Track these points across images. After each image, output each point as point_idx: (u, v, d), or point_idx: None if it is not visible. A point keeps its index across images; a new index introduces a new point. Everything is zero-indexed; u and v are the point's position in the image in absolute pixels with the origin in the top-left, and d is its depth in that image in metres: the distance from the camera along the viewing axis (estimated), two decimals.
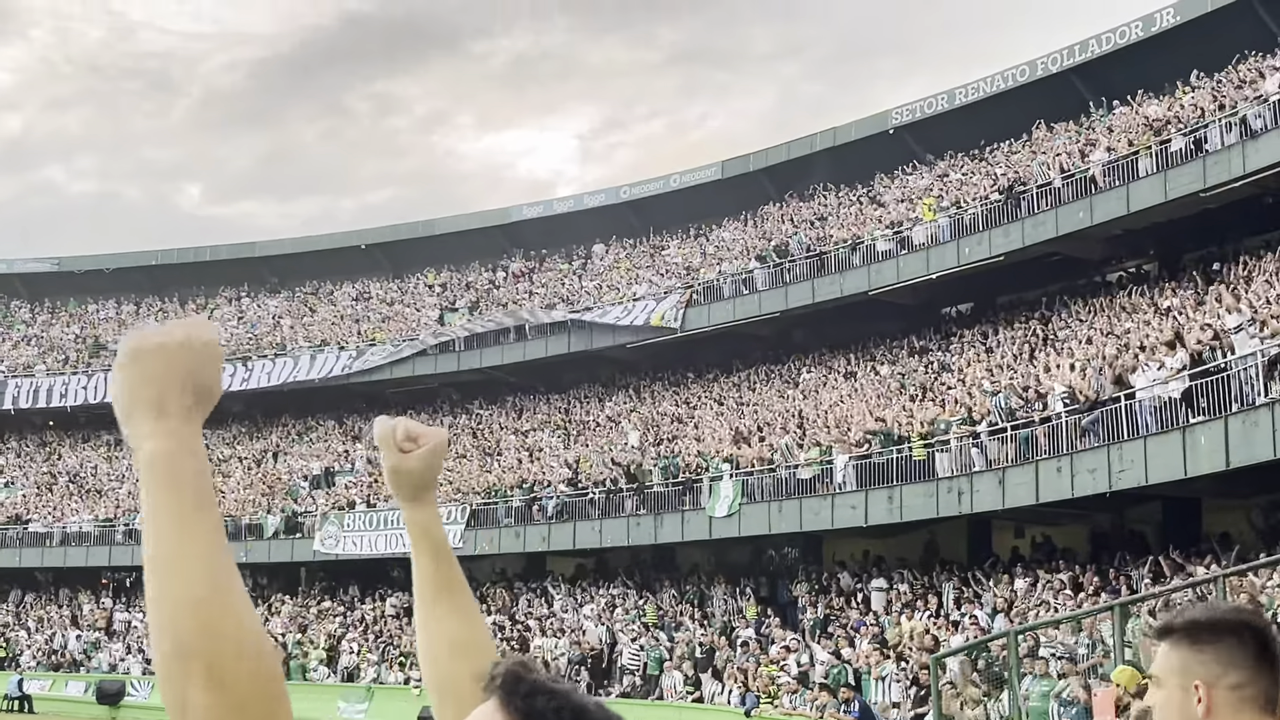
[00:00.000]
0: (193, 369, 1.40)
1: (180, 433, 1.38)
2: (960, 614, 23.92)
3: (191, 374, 1.40)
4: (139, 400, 1.38)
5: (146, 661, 38.20)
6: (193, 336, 1.41)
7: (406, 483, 1.84)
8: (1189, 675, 2.13)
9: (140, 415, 1.38)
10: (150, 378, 1.39)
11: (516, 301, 44.25)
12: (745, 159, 42.87)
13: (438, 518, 1.89)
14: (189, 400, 1.39)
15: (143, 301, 54.36)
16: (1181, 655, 2.15)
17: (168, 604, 1.31)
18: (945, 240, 31.83)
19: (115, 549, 42.82)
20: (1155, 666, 2.21)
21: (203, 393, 1.40)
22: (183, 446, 1.37)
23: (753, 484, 29.95)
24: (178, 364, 1.39)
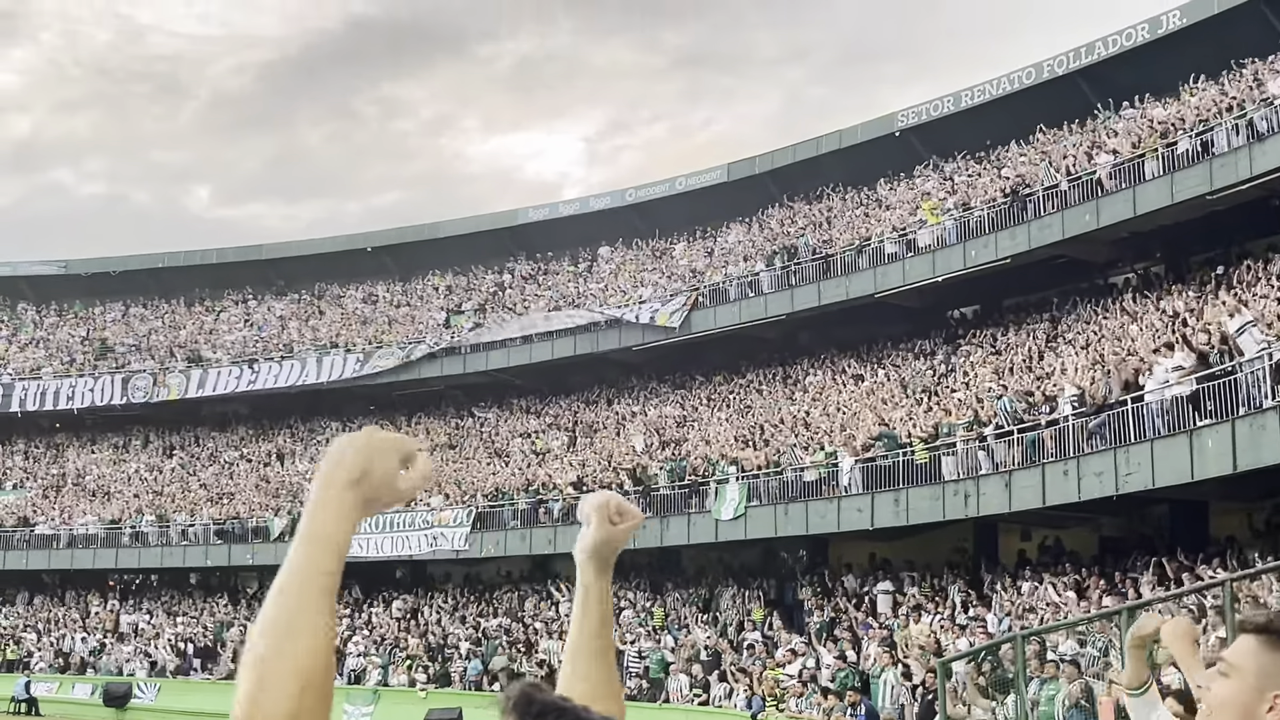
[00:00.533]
0: (367, 455, 1.62)
1: (331, 499, 1.60)
2: (967, 617, 23.92)
3: (364, 459, 1.61)
4: (318, 474, 1.63)
5: (152, 664, 38.27)
6: (383, 434, 1.65)
7: (608, 552, 2.02)
8: (1273, 681, 2.08)
9: (314, 486, 1.62)
10: (331, 457, 1.63)
11: (524, 304, 44.26)
12: (750, 161, 42.86)
13: (609, 588, 2.07)
14: (350, 477, 1.60)
15: (150, 304, 54.44)
16: (1274, 660, 2.09)
17: (275, 618, 1.53)
18: (951, 243, 31.81)
19: (122, 551, 42.87)
20: (1233, 655, 2.14)
21: (370, 481, 1.61)
22: (331, 511, 1.59)
23: (759, 487, 29.95)
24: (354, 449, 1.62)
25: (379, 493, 1.61)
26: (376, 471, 1.60)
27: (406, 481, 1.63)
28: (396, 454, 1.62)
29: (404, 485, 1.62)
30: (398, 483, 1.62)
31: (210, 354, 48.86)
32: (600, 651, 1.98)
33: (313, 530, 1.57)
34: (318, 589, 1.52)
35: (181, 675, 37.55)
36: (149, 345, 51.03)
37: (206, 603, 42.15)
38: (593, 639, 1.98)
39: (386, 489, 1.61)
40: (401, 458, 1.62)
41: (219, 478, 46.07)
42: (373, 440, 1.63)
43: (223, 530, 41.31)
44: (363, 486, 1.59)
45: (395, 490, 1.61)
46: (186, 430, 50.31)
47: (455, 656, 33.11)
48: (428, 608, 37.17)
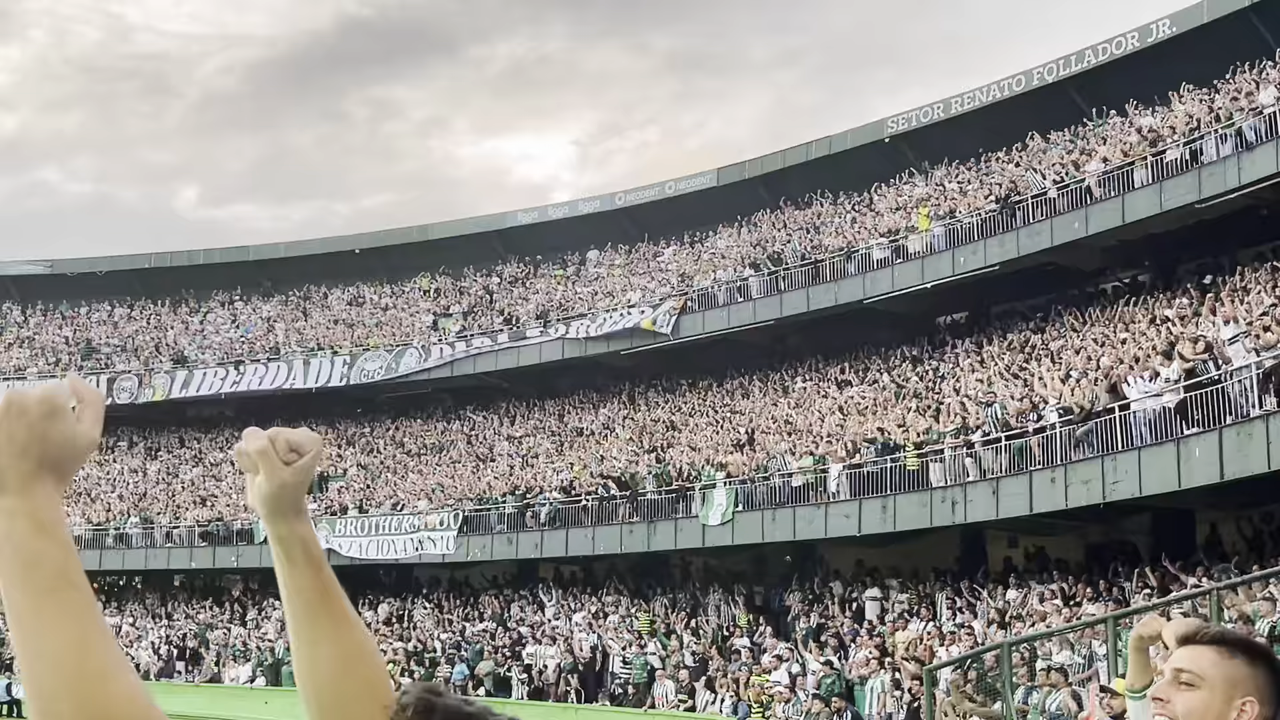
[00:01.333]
0: (29, 434, 1.29)
1: (21, 509, 1.28)
2: (954, 624, 23.90)
3: (29, 439, 1.29)
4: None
5: (135, 666, 38.06)
6: (22, 400, 1.30)
7: (290, 497, 1.60)
8: (1239, 689, 2.19)
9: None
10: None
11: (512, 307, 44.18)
12: (740, 166, 42.86)
13: (312, 528, 1.68)
14: (29, 466, 1.29)
15: (136, 305, 54.23)
16: (1237, 667, 2.21)
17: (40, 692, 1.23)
18: (940, 249, 31.83)
19: (106, 553, 42.66)
20: (1196, 666, 2.24)
21: (51, 456, 1.30)
22: (26, 523, 1.27)
23: (746, 492, 29.92)
24: (8, 432, 1.29)
25: (68, 462, 1.31)
26: (54, 439, 1.30)
27: (87, 426, 1.33)
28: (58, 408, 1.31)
29: (88, 432, 1.33)
30: (78, 438, 1.32)
31: (196, 355, 48.69)
32: (327, 594, 1.64)
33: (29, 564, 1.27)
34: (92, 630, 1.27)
35: (165, 678, 37.36)
36: (134, 346, 50.83)
37: (190, 605, 41.97)
38: (316, 593, 1.63)
39: (72, 452, 1.32)
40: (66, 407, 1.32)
41: (204, 480, 45.90)
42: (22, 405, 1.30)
43: (207, 533, 41.14)
44: (48, 467, 1.29)
45: (82, 445, 1.32)
46: (171, 432, 50.12)
47: (440, 661, 32.99)
48: (413, 612, 37.04)
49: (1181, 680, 2.24)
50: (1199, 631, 2.33)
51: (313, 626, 1.61)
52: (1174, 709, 2.24)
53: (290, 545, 1.61)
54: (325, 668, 1.61)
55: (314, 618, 1.61)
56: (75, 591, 1.27)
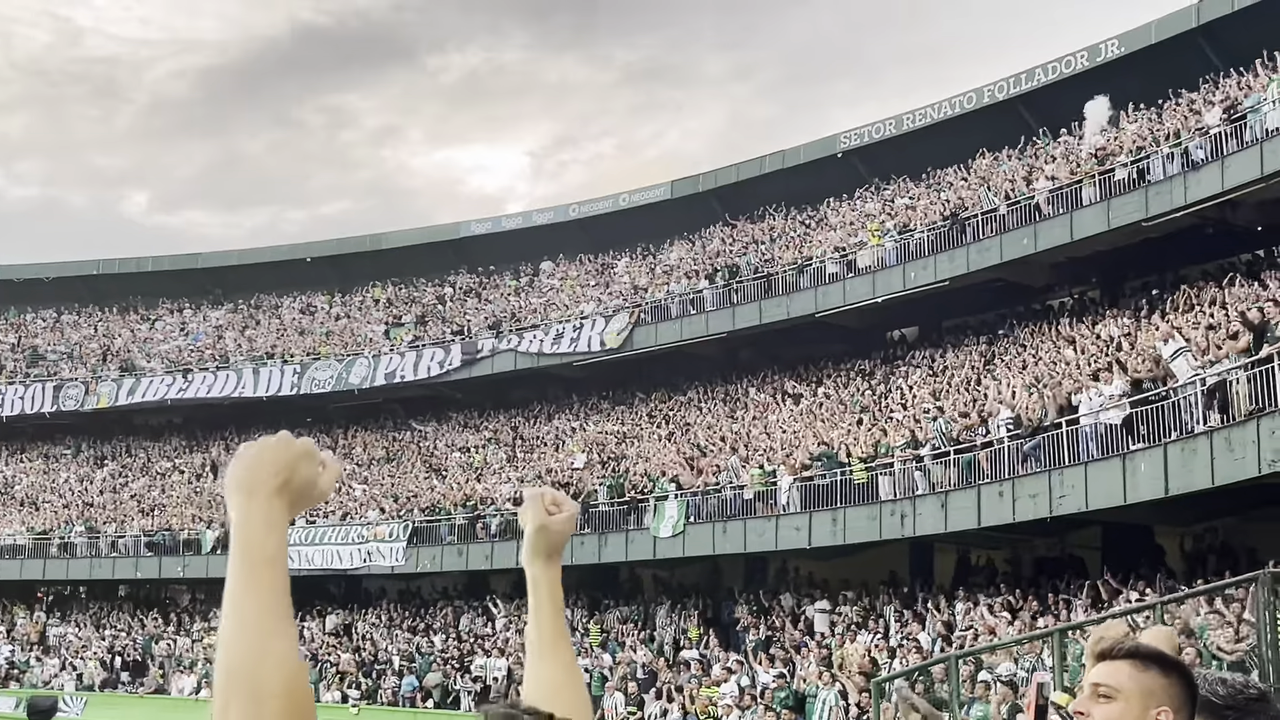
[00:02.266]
0: (287, 461, 1.68)
1: (259, 511, 1.66)
2: (901, 637, 24.03)
3: (284, 465, 1.68)
4: (237, 483, 1.68)
5: (79, 677, 37.61)
6: (293, 439, 1.71)
7: (548, 542, 2.10)
8: (1154, 700, 2.28)
9: (236, 495, 1.67)
10: (248, 464, 1.69)
11: (465, 317, 44.05)
12: (694, 179, 43.00)
13: (560, 577, 2.15)
14: (276, 484, 1.67)
15: (83, 311, 53.65)
16: (1151, 679, 2.31)
17: (227, 639, 1.56)
18: (891, 264, 32.07)
19: (50, 562, 42.13)
20: (1113, 680, 2.33)
21: (294, 485, 1.68)
22: (258, 519, 1.65)
23: (698, 504, 29.97)
24: (272, 455, 1.69)
25: (302, 496, 1.68)
26: (299, 475, 1.67)
27: (325, 481, 1.71)
28: (312, 457, 1.69)
29: (324, 485, 1.70)
30: (318, 484, 1.69)
31: (144, 363, 48.20)
32: (556, 637, 2.08)
33: (251, 546, 1.62)
34: (277, 605, 1.59)
35: (109, 689, 36.92)
36: (81, 353, 50.27)
37: (136, 616, 41.49)
38: (549, 628, 2.08)
39: (308, 491, 1.68)
40: (317, 460, 1.70)
41: (150, 489, 45.41)
42: (291, 445, 1.69)
43: (154, 542, 40.70)
44: (287, 492, 1.66)
45: (316, 492, 1.69)
46: (118, 440, 49.57)
47: (388, 672, 32.79)
48: (361, 623, 36.81)
49: (1099, 694, 2.33)
50: (1114, 647, 2.41)
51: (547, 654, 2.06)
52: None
53: (539, 585, 2.11)
54: (547, 686, 2.02)
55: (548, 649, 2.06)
56: (273, 572, 1.61)
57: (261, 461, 1.68)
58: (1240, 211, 25.99)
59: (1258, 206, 25.64)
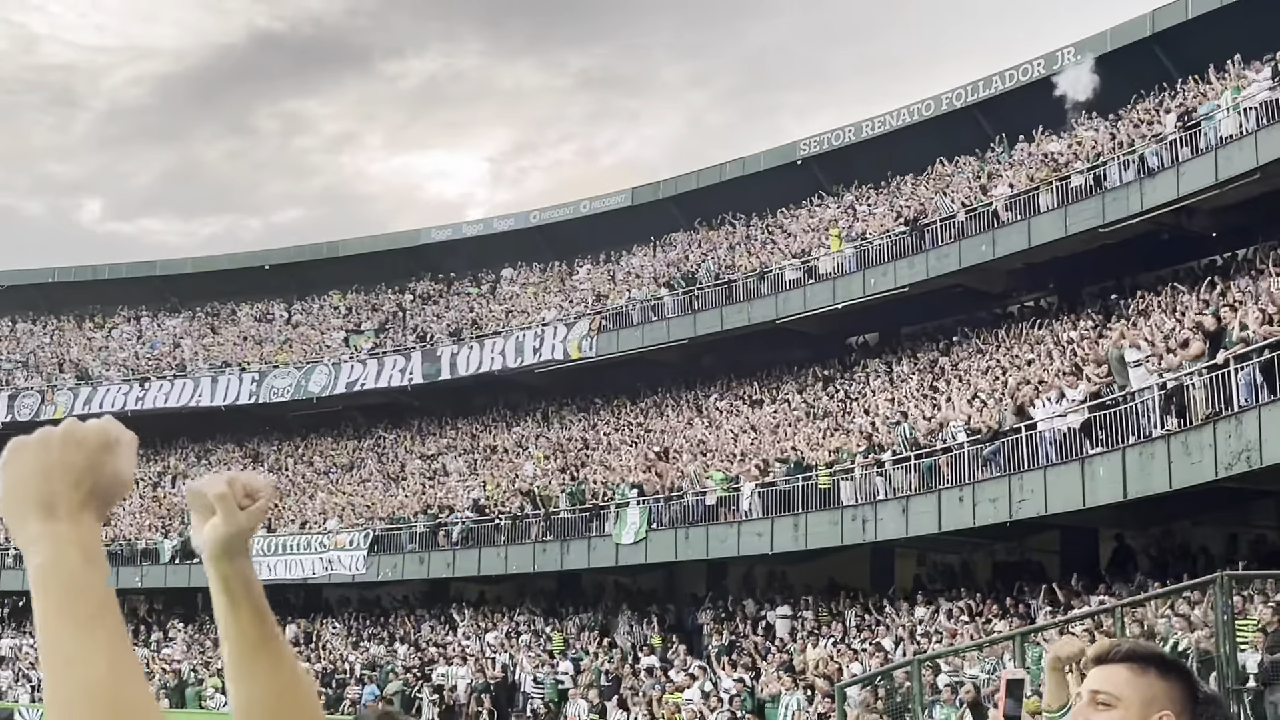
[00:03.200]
0: (85, 463, 1.36)
1: (71, 536, 1.33)
2: (862, 641, 24.11)
3: (84, 469, 1.36)
4: (24, 501, 1.34)
5: (34, 688, 37.15)
6: (80, 430, 1.38)
7: (241, 539, 1.60)
8: (1155, 705, 2.22)
9: (27, 517, 1.34)
10: (34, 475, 1.35)
11: (426, 325, 43.89)
12: (655, 186, 43.03)
13: (254, 568, 1.65)
14: (80, 495, 1.35)
15: (38, 320, 53.08)
16: (1151, 683, 2.24)
17: (71, 700, 1.28)
18: (851, 271, 32.20)
19: (5, 573, 41.61)
20: (1111, 686, 2.26)
21: (100, 488, 1.36)
22: (75, 551, 1.33)
23: (659, 511, 29.97)
24: (65, 459, 1.36)
25: (109, 498, 1.38)
26: (104, 475, 1.37)
27: (125, 466, 1.39)
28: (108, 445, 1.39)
29: (125, 473, 1.39)
30: (120, 474, 1.39)
31: (100, 372, 47.74)
32: (261, 644, 1.60)
33: (74, 587, 1.32)
34: (124, 650, 1.32)
35: None
36: (36, 362, 49.73)
37: None
38: (253, 633, 1.60)
39: (115, 490, 1.38)
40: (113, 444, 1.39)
41: None
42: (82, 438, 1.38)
43: (111, 552, 40.18)
44: (94, 501, 1.36)
45: (121, 486, 1.39)
46: None
47: (349, 681, 32.58)
48: (322, 632, 36.57)
49: (1098, 701, 2.27)
50: (1111, 650, 2.35)
51: (253, 664, 1.61)
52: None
53: (235, 585, 1.60)
54: (261, 706, 1.61)
55: (254, 657, 1.60)
56: (115, 621, 1.32)
57: (52, 469, 1.35)
58: (1195, 218, 26.28)
59: (1212, 213, 25.95)
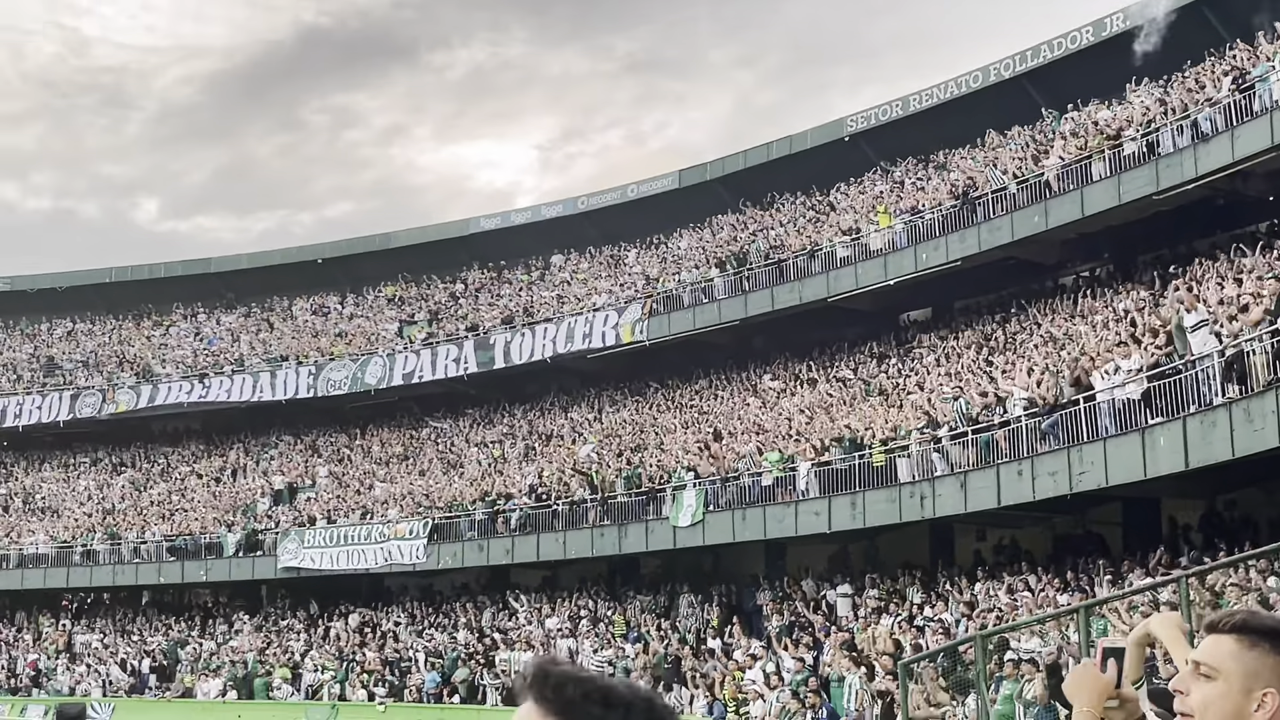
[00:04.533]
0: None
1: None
2: (924, 619, 24.03)
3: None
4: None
5: (106, 683, 37.79)
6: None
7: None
8: (1259, 681, 2.14)
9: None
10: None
11: (478, 313, 44.08)
12: (702, 168, 42.96)
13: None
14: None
15: (97, 319, 53.83)
16: (1259, 658, 2.16)
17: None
18: (902, 246, 31.99)
19: (74, 570, 42.32)
20: (1214, 658, 2.19)
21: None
22: None
23: (716, 493, 29.97)
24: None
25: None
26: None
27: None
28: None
29: None
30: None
31: (160, 369, 48.35)
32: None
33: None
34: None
35: (136, 694, 37.08)
36: (97, 361, 50.45)
37: (161, 620, 41.66)
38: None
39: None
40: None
41: (170, 494, 45.58)
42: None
43: (175, 547, 40.84)
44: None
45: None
46: (136, 447, 49.74)
47: (413, 669, 32.89)
48: (385, 620, 36.92)
49: (1200, 672, 2.20)
50: (1222, 620, 2.26)
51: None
52: (1191, 701, 2.21)
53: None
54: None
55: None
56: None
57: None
58: (1251, 182, 25.88)
59: (1268, 176, 25.53)
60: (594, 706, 1.56)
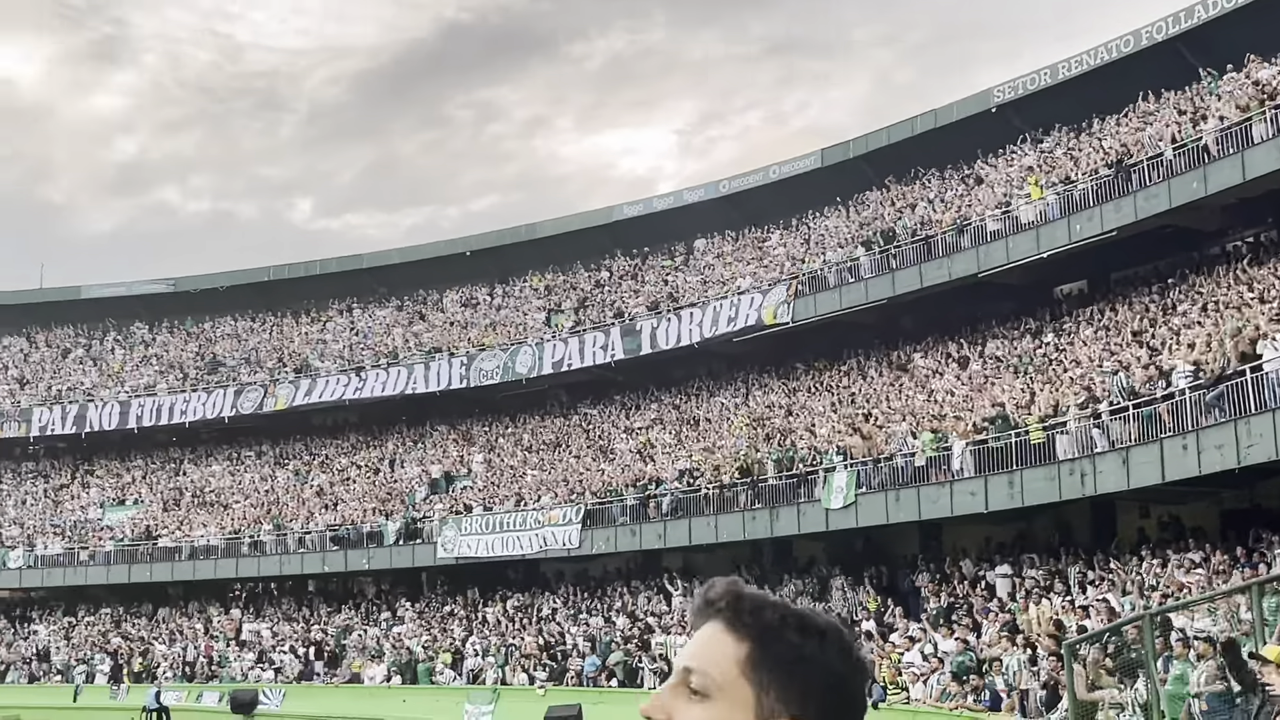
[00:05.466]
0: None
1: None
2: (1087, 598, 23.50)
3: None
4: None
5: (276, 670, 39.03)
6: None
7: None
8: None
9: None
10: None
11: (623, 300, 44.33)
12: (845, 146, 42.50)
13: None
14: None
15: (257, 317, 55.48)
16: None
17: None
18: (1055, 218, 31.24)
19: (242, 561, 43.80)
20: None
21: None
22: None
23: (867, 474, 29.71)
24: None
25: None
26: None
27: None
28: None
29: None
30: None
31: (318, 363, 49.66)
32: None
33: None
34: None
35: (305, 680, 38.22)
36: (258, 357, 52.02)
37: (326, 608, 42.87)
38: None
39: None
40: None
41: (331, 485, 46.82)
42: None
43: (338, 537, 41.98)
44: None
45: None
46: (297, 439, 51.18)
47: (572, 654, 33.30)
48: (542, 606, 37.44)
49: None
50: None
51: None
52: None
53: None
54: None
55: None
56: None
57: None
58: None
59: None
60: (791, 633, 1.49)
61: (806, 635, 1.49)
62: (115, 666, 41.76)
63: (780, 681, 1.46)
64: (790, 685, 1.46)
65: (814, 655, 1.48)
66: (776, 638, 1.48)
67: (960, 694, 21.71)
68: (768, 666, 1.47)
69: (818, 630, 1.50)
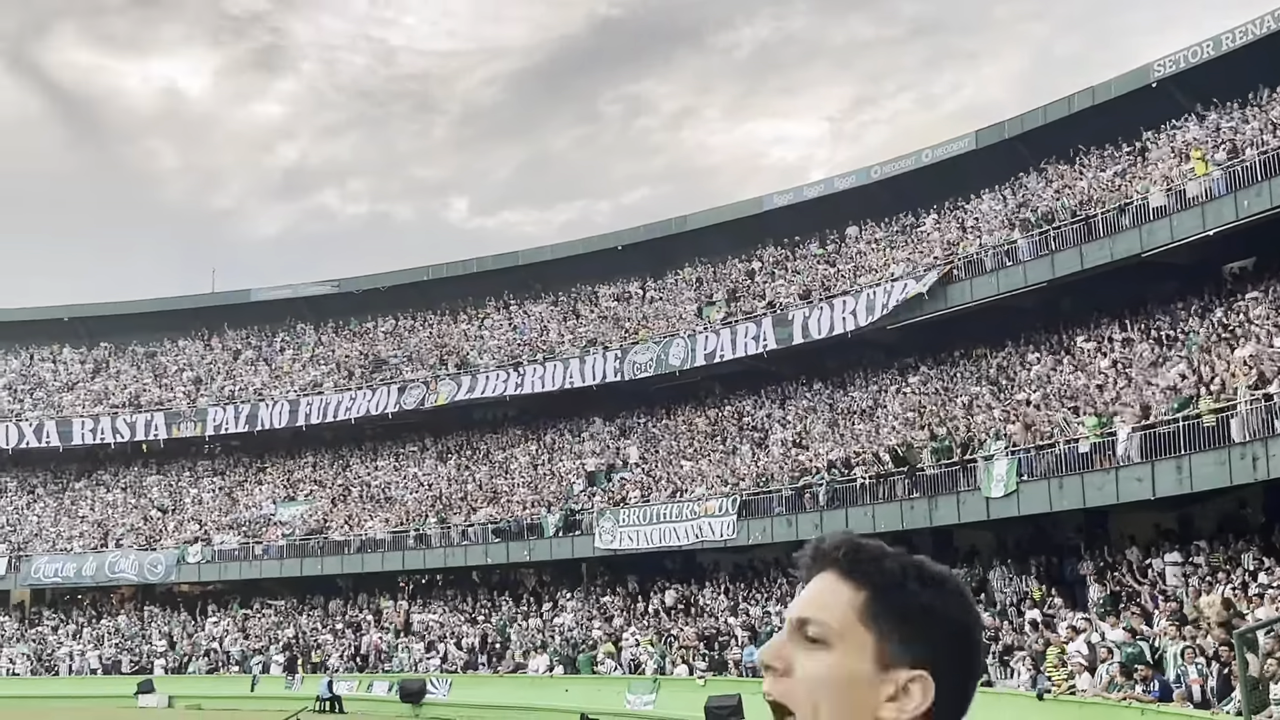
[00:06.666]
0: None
1: None
2: (1260, 586, 22.71)
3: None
4: None
5: (443, 660, 39.94)
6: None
7: None
8: None
9: None
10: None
11: (775, 290, 44.20)
12: (999, 126, 41.64)
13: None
14: None
15: (417, 315, 56.76)
16: None
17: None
18: (1221, 194, 30.18)
19: (408, 554, 44.96)
20: None
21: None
22: None
23: (1029, 461, 29.12)
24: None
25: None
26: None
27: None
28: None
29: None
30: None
31: (477, 360, 50.60)
32: None
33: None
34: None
35: (470, 670, 39.05)
36: (419, 355, 53.22)
37: (490, 599, 43.71)
38: None
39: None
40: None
41: (493, 478, 47.69)
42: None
43: (500, 529, 42.76)
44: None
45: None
46: (458, 434, 52.23)
47: (731, 644, 33.38)
48: (700, 596, 37.60)
49: None
50: None
51: None
52: None
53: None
54: None
55: None
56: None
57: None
58: None
59: None
60: (912, 582, 1.47)
61: (926, 584, 1.48)
62: (290, 657, 43.22)
63: (902, 630, 1.45)
64: (914, 634, 1.45)
65: (935, 605, 1.47)
66: (897, 586, 1.47)
67: (1128, 685, 21.17)
68: (888, 614, 1.46)
69: (938, 580, 1.49)
